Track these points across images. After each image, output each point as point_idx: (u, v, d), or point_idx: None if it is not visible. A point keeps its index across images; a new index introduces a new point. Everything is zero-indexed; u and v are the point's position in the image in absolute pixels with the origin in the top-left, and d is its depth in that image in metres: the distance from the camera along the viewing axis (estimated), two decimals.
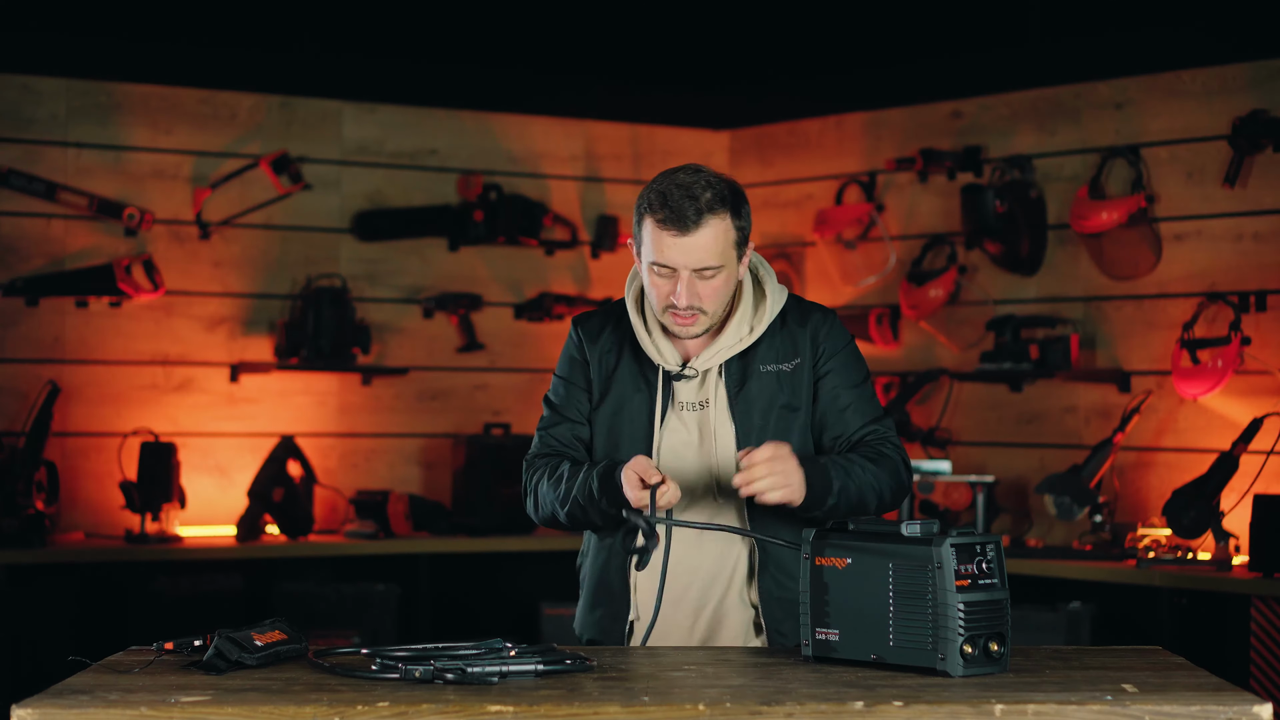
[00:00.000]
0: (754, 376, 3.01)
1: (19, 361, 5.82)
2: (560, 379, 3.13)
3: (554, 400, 3.13)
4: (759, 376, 3.01)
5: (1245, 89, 5.38)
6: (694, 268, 2.88)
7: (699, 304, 2.91)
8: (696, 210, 2.86)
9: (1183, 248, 5.53)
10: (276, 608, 5.65)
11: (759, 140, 6.78)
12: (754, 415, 2.99)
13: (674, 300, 2.90)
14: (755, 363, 3.01)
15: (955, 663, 2.48)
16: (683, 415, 3.02)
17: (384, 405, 6.35)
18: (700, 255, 2.88)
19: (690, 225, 2.86)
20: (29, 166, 5.82)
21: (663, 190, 2.89)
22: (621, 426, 3.04)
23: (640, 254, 2.96)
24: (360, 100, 6.33)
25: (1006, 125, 5.99)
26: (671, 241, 2.87)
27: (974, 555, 2.53)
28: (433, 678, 2.43)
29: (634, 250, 3.00)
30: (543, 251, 6.57)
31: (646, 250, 2.92)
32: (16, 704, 2.26)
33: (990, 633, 2.51)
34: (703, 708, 2.31)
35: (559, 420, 3.10)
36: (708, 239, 2.87)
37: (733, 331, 3.01)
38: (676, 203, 2.87)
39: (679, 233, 2.87)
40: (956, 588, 2.49)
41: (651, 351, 3.03)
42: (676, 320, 2.93)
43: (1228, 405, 5.35)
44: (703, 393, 3.02)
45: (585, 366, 3.09)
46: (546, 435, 3.11)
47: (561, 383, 3.13)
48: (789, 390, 3.02)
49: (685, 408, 3.02)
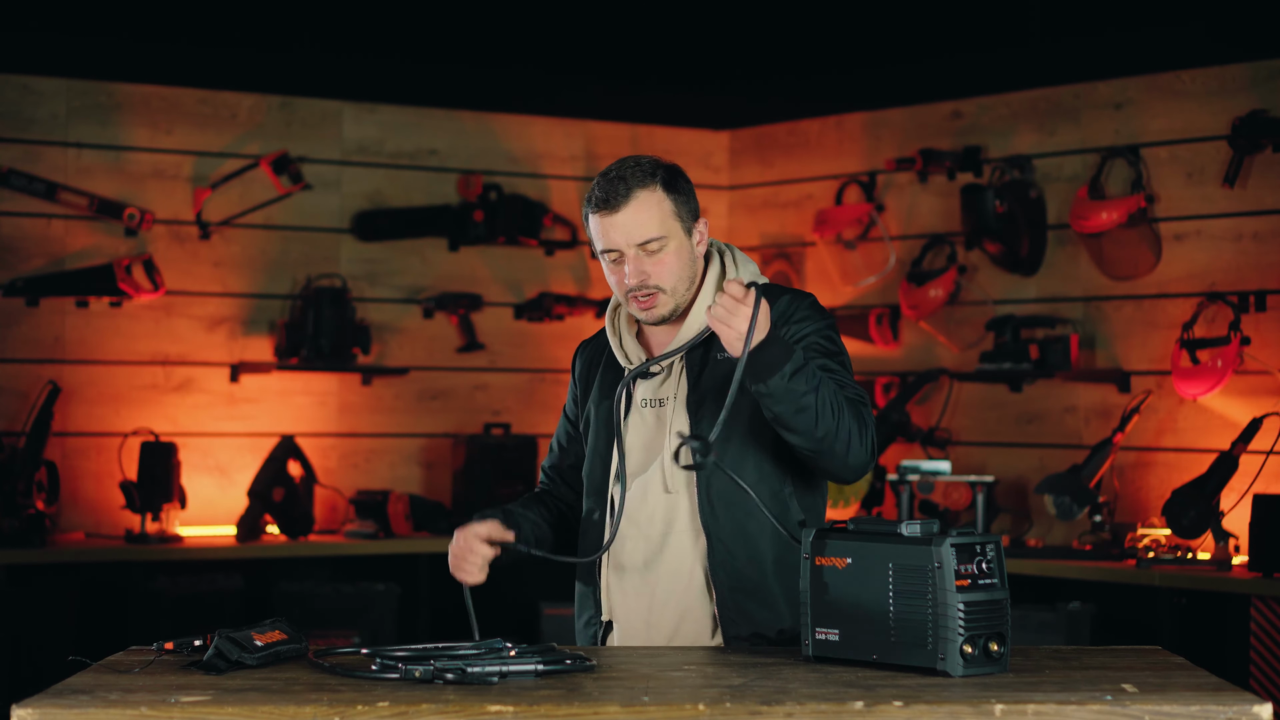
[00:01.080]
0: (710, 364, 2.95)
1: (19, 361, 5.82)
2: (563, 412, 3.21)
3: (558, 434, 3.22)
4: (714, 364, 2.94)
5: (1245, 89, 5.38)
6: (635, 243, 2.90)
7: (653, 281, 2.91)
8: (625, 186, 2.90)
9: (1182, 248, 5.53)
10: (276, 608, 5.65)
11: (759, 140, 6.77)
12: (707, 403, 2.93)
13: (628, 281, 2.91)
14: (711, 351, 2.96)
15: (955, 663, 2.48)
16: (644, 413, 3.01)
17: (384, 405, 6.35)
18: (637, 229, 2.89)
19: (620, 201, 2.90)
20: (29, 166, 5.82)
21: (598, 181, 2.94)
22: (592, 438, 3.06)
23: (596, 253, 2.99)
24: (360, 100, 6.34)
25: (1006, 125, 5.99)
26: (608, 222, 2.91)
27: (974, 555, 2.53)
28: (433, 678, 2.43)
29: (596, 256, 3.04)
30: (543, 251, 6.57)
31: (596, 243, 2.96)
32: (16, 704, 2.26)
33: (990, 633, 2.51)
34: (703, 708, 2.31)
35: (553, 450, 3.22)
36: (639, 211, 2.90)
37: (692, 322, 2.97)
38: (605, 187, 2.92)
39: (611, 211, 2.90)
40: (956, 588, 2.50)
41: (618, 353, 3.04)
42: (638, 304, 2.93)
43: (1227, 405, 5.35)
44: (664, 389, 2.99)
45: (574, 390, 3.15)
46: (545, 469, 3.25)
47: (562, 415, 3.21)
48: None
49: (646, 404, 3.01)
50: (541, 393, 6.60)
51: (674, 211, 2.95)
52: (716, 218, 6.87)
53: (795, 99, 6.43)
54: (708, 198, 6.87)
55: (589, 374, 3.11)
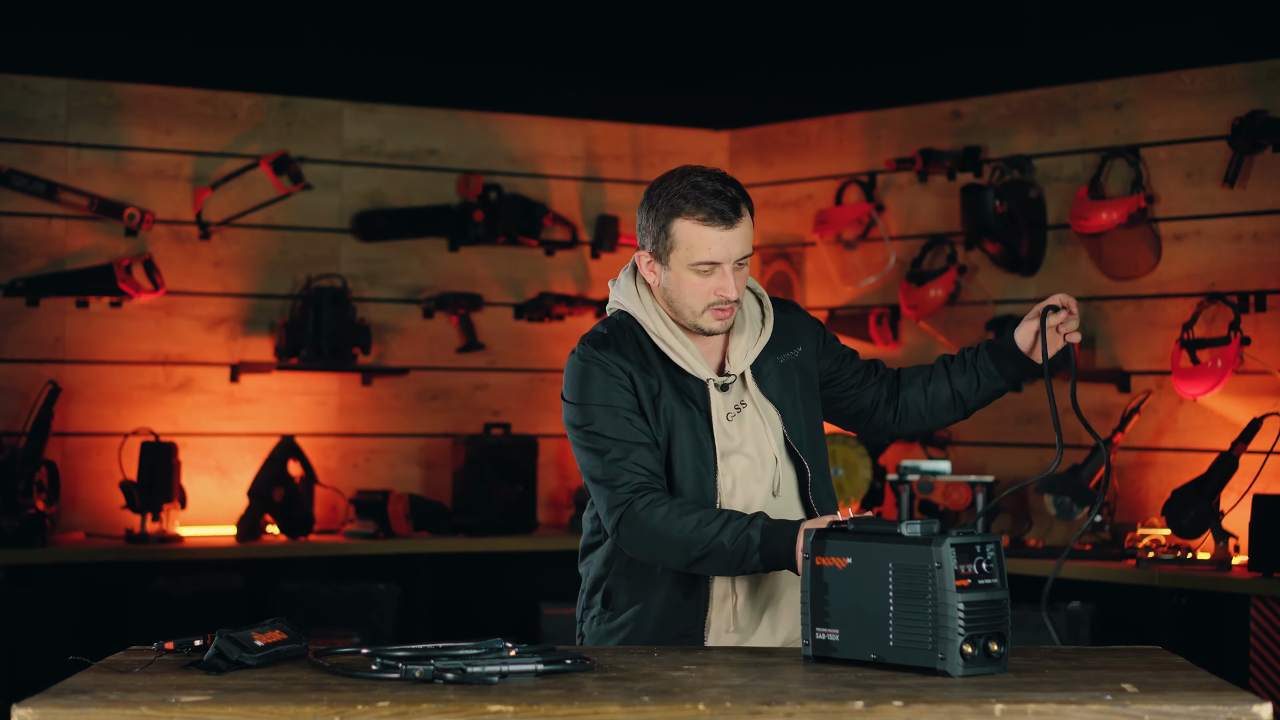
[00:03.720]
0: (775, 368, 3.11)
1: (19, 361, 5.82)
2: (605, 408, 3.01)
3: (610, 434, 3.00)
4: (779, 366, 3.11)
5: (1245, 89, 5.38)
6: (736, 258, 2.99)
7: (738, 295, 3.01)
8: (734, 202, 2.98)
9: (1182, 248, 5.53)
10: (276, 608, 5.65)
11: (759, 140, 6.78)
12: (787, 401, 3.09)
13: (721, 295, 2.98)
14: (770, 355, 3.11)
15: (955, 663, 2.49)
16: (726, 423, 3.06)
17: (384, 405, 6.35)
18: (742, 245, 2.99)
19: (734, 217, 2.97)
20: (29, 166, 5.82)
21: (688, 194, 2.97)
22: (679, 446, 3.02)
23: (669, 261, 2.99)
24: (360, 100, 6.34)
25: (1006, 125, 5.99)
26: (717, 236, 2.96)
27: (974, 555, 2.53)
28: (433, 678, 2.43)
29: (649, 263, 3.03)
30: (543, 251, 6.57)
31: (684, 253, 2.98)
32: (16, 704, 2.26)
33: (990, 633, 2.52)
34: (703, 708, 2.31)
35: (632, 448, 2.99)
36: (745, 229, 3.00)
37: (751, 328, 3.10)
38: (712, 202, 2.96)
39: (726, 226, 2.97)
40: (956, 588, 2.50)
41: (696, 366, 3.05)
42: (718, 316, 3.01)
43: (1227, 405, 5.35)
44: (739, 396, 3.08)
45: (634, 391, 3.02)
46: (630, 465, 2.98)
47: (611, 412, 3.01)
48: (802, 374, 3.14)
49: (729, 415, 3.06)
50: (541, 393, 6.60)
51: (752, 230, 3.05)
52: None
53: (795, 99, 6.43)
54: None
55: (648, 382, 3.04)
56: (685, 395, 3.04)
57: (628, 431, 2.99)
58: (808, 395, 3.14)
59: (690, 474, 3.01)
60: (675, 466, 3.02)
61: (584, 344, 3.07)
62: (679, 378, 3.05)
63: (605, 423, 3.00)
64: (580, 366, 3.04)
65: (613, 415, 3.00)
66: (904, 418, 3.24)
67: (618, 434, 2.99)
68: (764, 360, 3.11)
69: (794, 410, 3.09)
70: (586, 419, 3.01)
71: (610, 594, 3.10)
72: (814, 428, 3.14)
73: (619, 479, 2.98)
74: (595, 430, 3.00)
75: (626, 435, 2.99)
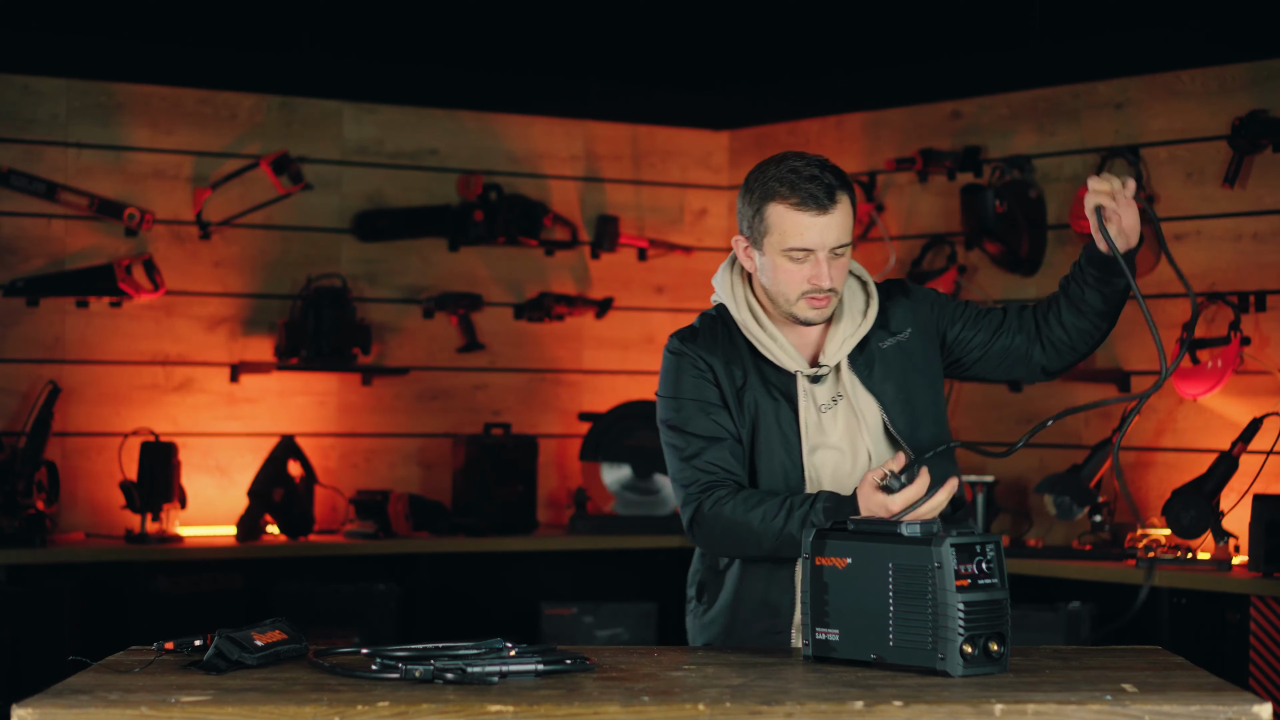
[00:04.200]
0: (878, 356, 3.03)
1: (19, 361, 5.82)
2: (689, 402, 3.01)
3: (689, 429, 2.99)
4: (882, 354, 3.04)
5: (1245, 89, 5.38)
6: (831, 246, 2.92)
7: (834, 284, 2.94)
8: (829, 188, 2.92)
9: (1182, 248, 5.53)
10: (276, 608, 5.65)
11: (759, 140, 6.78)
12: (890, 390, 3.02)
13: (815, 283, 2.92)
14: (872, 342, 3.04)
15: (955, 663, 2.49)
16: (818, 416, 3.00)
17: (384, 405, 6.35)
18: (837, 233, 2.93)
19: (828, 204, 2.91)
20: (29, 166, 5.82)
21: (784, 178, 2.93)
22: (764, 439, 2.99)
23: (764, 246, 2.95)
24: (360, 100, 6.34)
25: (1006, 125, 5.99)
26: (810, 222, 2.91)
27: (974, 555, 2.53)
28: (433, 678, 2.43)
29: (745, 248, 2.99)
30: (543, 251, 6.57)
31: (777, 238, 2.93)
32: (16, 704, 2.26)
33: (990, 633, 2.52)
34: (703, 708, 2.31)
35: (707, 445, 2.98)
36: (841, 216, 2.93)
37: (849, 317, 3.03)
38: (807, 186, 2.91)
39: (819, 212, 2.91)
40: (956, 588, 2.50)
41: (781, 358, 3.00)
42: (813, 305, 2.95)
43: (1227, 405, 5.35)
44: (835, 388, 3.02)
45: (715, 381, 3.01)
46: (702, 463, 2.98)
47: (693, 405, 3.01)
48: (914, 358, 3.06)
49: (822, 408, 3.01)
50: (541, 393, 6.60)
51: (854, 218, 2.98)
52: (716, 218, 6.88)
53: (795, 99, 6.43)
54: (708, 198, 6.88)
55: (732, 374, 3.01)
56: (772, 387, 3.00)
57: (705, 427, 2.99)
58: (918, 379, 3.06)
59: (776, 468, 2.98)
60: (760, 460, 2.99)
61: (672, 338, 3.08)
62: (768, 369, 3.00)
63: (684, 418, 3.01)
64: (666, 360, 3.06)
65: (692, 410, 3.01)
66: (1056, 353, 3.13)
67: (695, 429, 2.99)
68: (864, 349, 3.03)
69: (897, 398, 3.02)
70: (666, 413, 3.03)
71: (703, 588, 3.10)
72: (925, 412, 3.05)
73: (691, 480, 2.99)
74: (673, 425, 3.02)
75: (703, 431, 2.99)
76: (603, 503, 6.23)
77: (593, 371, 6.68)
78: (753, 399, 3.00)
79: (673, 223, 6.82)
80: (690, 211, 6.85)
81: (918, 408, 3.04)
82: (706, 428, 2.99)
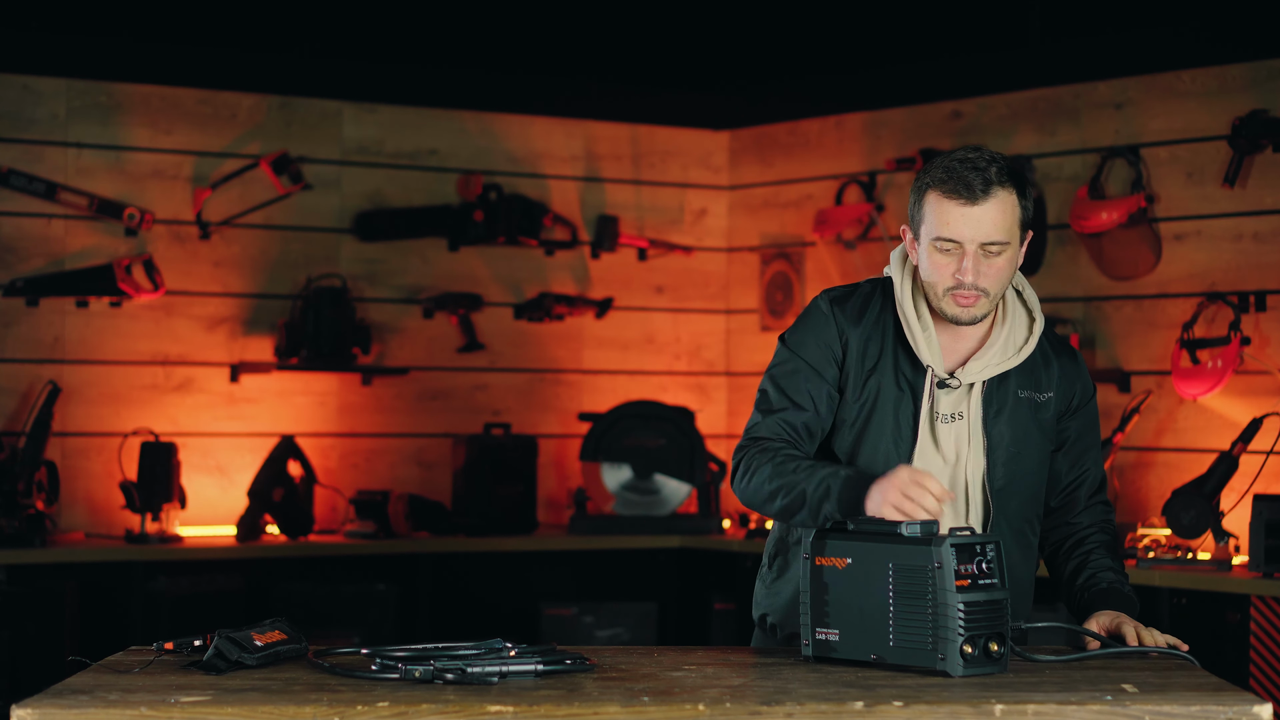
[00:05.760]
0: (1011, 400, 2.94)
1: (19, 361, 5.82)
2: (802, 361, 2.95)
3: (785, 386, 2.94)
4: (1016, 401, 2.94)
5: (1245, 89, 5.38)
6: (981, 241, 2.81)
7: (983, 284, 2.84)
8: (985, 180, 2.81)
9: (1183, 248, 5.53)
10: (276, 608, 5.65)
11: (759, 140, 6.77)
12: (1006, 439, 2.93)
13: (960, 277, 2.83)
14: (1012, 386, 2.94)
15: (955, 663, 2.49)
16: (939, 425, 2.94)
17: (384, 405, 6.35)
18: (988, 228, 2.81)
19: (979, 195, 2.81)
20: (29, 166, 5.82)
21: (947, 165, 2.84)
22: (878, 423, 2.93)
23: (920, 234, 2.88)
24: (360, 100, 6.33)
25: (1006, 125, 5.99)
26: (959, 213, 2.81)
27: (974, 555, 2.53)
28: (433, 678, 2.43)
29: (909, 237, 2.92)
30: (543, 251, 6.57)
31: (929, 226, 2.85)
32: (16, 704, 2.26)
33: (990, 633, 2.52)
34: (703, 708, 2.31)
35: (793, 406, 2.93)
36: (995, 211, 2.81)
37: (1002, 346, 2.93)
38: (963, 174, 2.81)
39: (967, 202, 2.81)
40: (957, 588, 2.50)
41: (922, 351, 2.92)
42: (959, 301, 2.85)
43: (1227, 405, 5.35)
44: (960, 405, 2.94)
45: (840, 353, 2.95)
46: (778, 420, 2.93)
47: (804, 366, 2.95)
48: (1040, 421, 2.97)
49: (942, 417, 2.94)
50: (541, 393, 6.60)
51: (1019, 218, 2.87)
52: (716, 218, 6.88)
53: (795, 99, 6.43)
54: (708, 198, 6.88)
55: (869, 348, 2.95)
56: (902, 376, 2.93)
57: (797, 388, 2.94)
58: (1033, 442, 2.96)
59: (880, 455, 2.92)
60: (865, 444, 2.93)
61: (824, 294, 3.02)
62: (905, 357, 2.94)
63: (788, 371, 2.95)
64: (810, 311, 3.00)
65: (799, 369, 2.95)
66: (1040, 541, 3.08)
67: (790, 389, 2.94)
68: (1003, 386, 2.94)
69: (1006, 450, 2.93)
70: (775, 360, 2.98)
71: (774, 556, 3.07)
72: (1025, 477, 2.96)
73: (754, 431, 2.95)
74: (773, 373, 2.97)
75: (795, 395, 2.94)
76: (603, 503, 6.23)
77: (593, 371, 6.68)
78: (878, 381, 2.93)
79: (673, 223, 6.82)
80: (690, 211, 6.85)
81: (1020, 469, 2.95)
82: (798, 389, 2.94)
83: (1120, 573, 3.03)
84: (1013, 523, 2.96)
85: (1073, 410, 3.01)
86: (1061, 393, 2.99)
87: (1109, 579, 3.00)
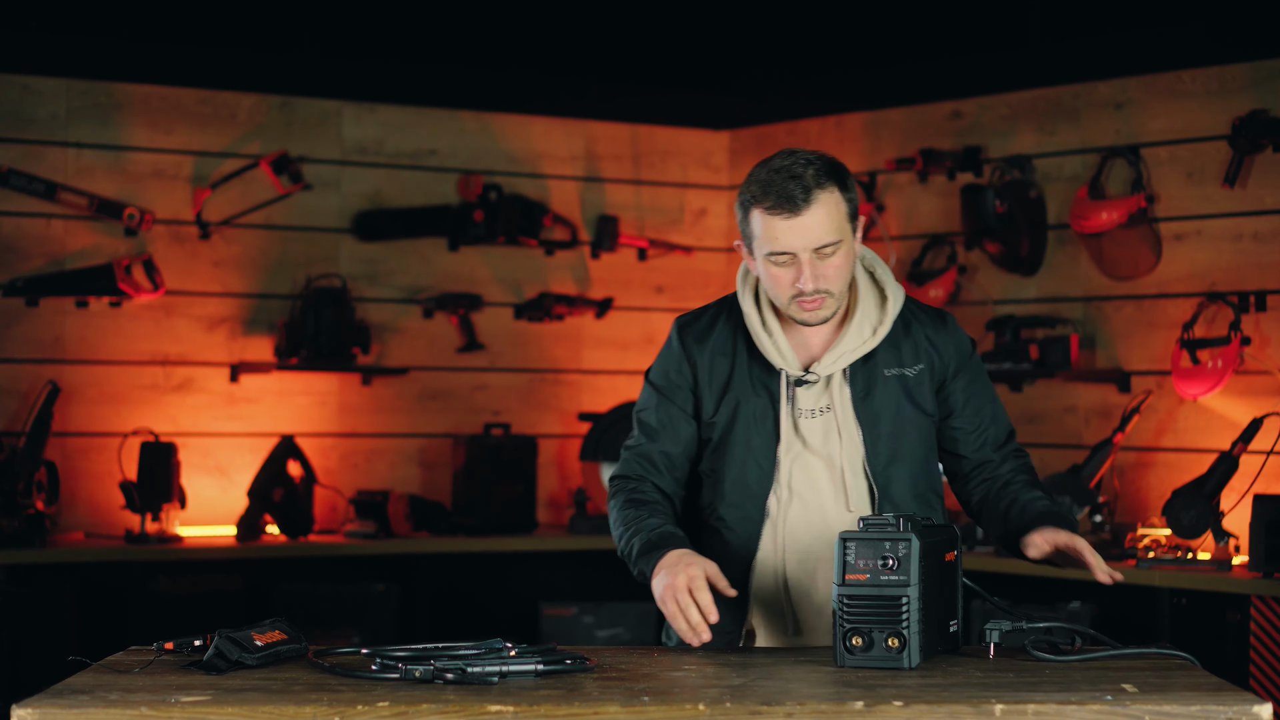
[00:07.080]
0: (879, 381, 2.93)
1: (19, 361, 5.82)
2: (656, 391, 3.02)
3: (643, 418, 3.02)
4: (883, 381, 2.93)
5: (1245, 89, 5.38)
6: (813, 247, 2.80)
7: (824, 285, 2.83)
8: (804, 188, 2.80)
9: (1183, 248, 5.53)
10: (276, 608, 5.65)
11: (759, 140, 6.78)
12: (881, 421, 2.93)
13: (800, 286, 2.81)
14: (878, 367, 2.94)
15: (840, 652, 2.56)
16: (804, 422, 2.93)
17: (384, 405, 6.35)
18: (817, 234, 2.80)
19: (800, 205, 2.79)
20: (29, 166, 5.82)
21: (764, 179, 2.82)
22: (739, 435, 2.94)
23: (753, 250, 2.87)
24: (360, 100, 6.34)
25: (1006, 125, 5.99)
26: (785, 225, 2.79)
27: (880, 552, 2.55)
28: (433, 678, 2.43)
29: (744, 251, 2.91)
30: (543, 251, 6.57)
31: (760, 243, 2.83)
32: (16, 704, 2.26)
33: (883, 627, 2.53)
34: (703, 708, 2.31)
35: (645, 440, 3.01)
36: (820, 215, 2.80)
37: (854, 333, 2.92)
38: (781, 186, 2.80)
39: (791, 214, 2.79)
40: (845, 581, 2.55)
41: (773, 355, 2.92)
42: (805, 307, 2.84)
43: (1228, 405, 5.35)
44: (824, 398, 2.93)
45: (690, 378, 2.99)
46: (630, 456, 3.02)
47: (655, 396, 3.02)
48: (914, 395, 2.95)
49: (806, 414, 2.93)
50: (541, 393, 6.60)
51: (847, 213, 2.87)
52: (716, 218, 6.88)
53: (795, 99, 6.43)
54: (708, 198, 6.88)
55: (716, 365, 2.97)
56: (759, 384, 2.94)
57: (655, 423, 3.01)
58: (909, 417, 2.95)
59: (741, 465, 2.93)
60: (730, 455, 2.94)
61: (677, 319, 3.06)
62: (759, 365, 2.94)
63: (644, 405, 3.04)
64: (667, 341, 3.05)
65: (652, 400, 3.03)
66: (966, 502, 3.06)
67: (647, 421, 3.01)
68: (868, 368, 2.93)
69: (880, 430, 2.92)
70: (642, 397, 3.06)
71: None
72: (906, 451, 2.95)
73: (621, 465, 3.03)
74: (636, 409, 3.06)
75: (652, 427, 3.01)
76: (603, 503, 6.23)
77: (592, 371, 6.68)
78: (735, 396, 2.95)
79: (673, 223, 6.82)
80: (690, 211, 6.85)
81: (899, 445, 2.94)
82: (656, 422, 3.01)
83: (1053, 500, 3.00)
84: (903, 497, 2.94)
85: (953, 374, 3.00)
86: (931, 361, 2.98)
87: (1044, 505, 2.96)
